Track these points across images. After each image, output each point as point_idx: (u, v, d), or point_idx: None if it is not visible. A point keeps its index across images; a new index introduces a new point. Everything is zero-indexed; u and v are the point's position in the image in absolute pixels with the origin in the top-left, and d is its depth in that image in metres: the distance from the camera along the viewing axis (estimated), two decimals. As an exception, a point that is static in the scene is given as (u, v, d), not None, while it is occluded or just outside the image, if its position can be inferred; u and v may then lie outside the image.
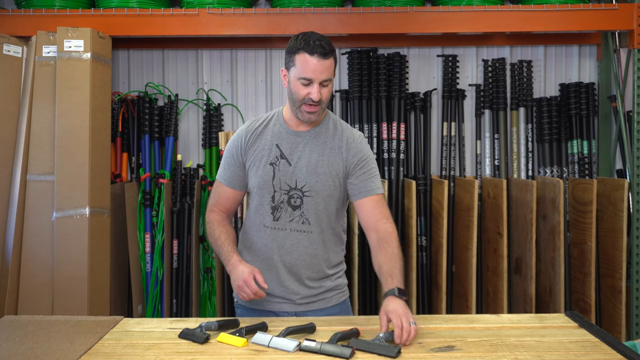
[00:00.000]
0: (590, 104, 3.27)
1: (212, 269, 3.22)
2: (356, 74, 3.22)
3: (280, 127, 1.86)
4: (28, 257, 2.74)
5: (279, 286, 1.85)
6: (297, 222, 1.83)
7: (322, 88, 1.74)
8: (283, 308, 1.87)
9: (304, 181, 1.81)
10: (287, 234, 1.83)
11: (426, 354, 1.45)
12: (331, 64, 1.74)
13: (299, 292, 1.86)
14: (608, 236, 2.98)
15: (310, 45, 1.71)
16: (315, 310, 1.87)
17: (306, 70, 1.71)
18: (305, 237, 1.83)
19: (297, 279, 1.85)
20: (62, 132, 2.74)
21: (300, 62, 1.72)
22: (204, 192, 3.23)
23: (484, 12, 3.00)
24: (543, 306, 2.95)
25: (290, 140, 1.84)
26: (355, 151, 1.84)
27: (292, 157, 1.82)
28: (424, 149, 3.27)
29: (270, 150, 1.83)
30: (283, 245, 1.84)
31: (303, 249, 1.84)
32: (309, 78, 1.72)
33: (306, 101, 1.74)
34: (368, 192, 1.82)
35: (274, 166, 1.82)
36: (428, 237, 3.19)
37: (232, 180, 1.90)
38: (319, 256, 1.86)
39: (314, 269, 1.86)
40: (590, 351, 1.45)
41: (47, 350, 1.47)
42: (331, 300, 1.90)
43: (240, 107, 3.39)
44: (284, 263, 1.85)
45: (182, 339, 1.55)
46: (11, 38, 2.85)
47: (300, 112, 1.77)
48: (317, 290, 1.87)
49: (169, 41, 3.31)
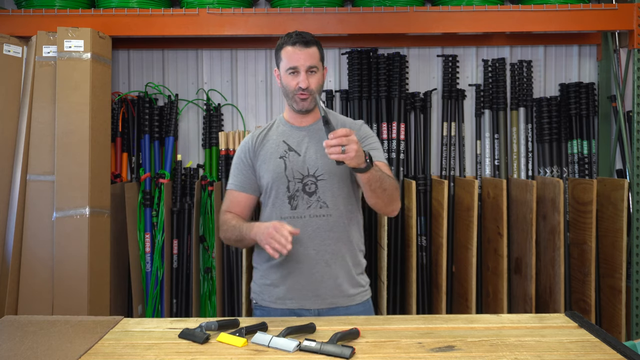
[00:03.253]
0: (590, 104, 3.27)
1: (212, 269, 3.22)
2: (356, 74, 3.22)
3: (284, 127, 1.95)
4: (28, 257, 2.75)
5: (302, 278, 1.86)
6: (314, 207, 1.86)
7: (310, 76, 1.84)
8: (305, 305, 1.87)
9: (316, 166, 1.87)
10: (306, 221, 1.86)
11: (426, 354, 1.45)
12: (314, 53, 1.86)
13: (322, 282, 1.86)
14: (608, 236, 2.98)
15: (292, 37, 1.86)
16: (339, 307, 1.87)
17: (291, 59, 1.84)
18: (324, 222, 1.86)
19: (320, 268, 1.86)
20: (62, 132, 2.74)
21: (285, 55, 1.86)
22: (204, 192, 3.23)
23: (484, 12, 3.00)
24: (543, 306, 2.95)
25: (295, 135, 1.91)
26: (359, 132, 1.92)
27: (300, 149, 1.90)
28: (424, 149, 3.27)
29: (278, 146, 1.91)
30: (304, 234, 1.85)
31: (325, 233, 1.86)
32: (294, 66, 1.84)
33: (297, 91, 1.84)
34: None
35: (284, 159, 1.89)
36: (428, 237, 3.20)
37: (243, 184, 1.95)
38: (341, 240, 1.87)
39: (337, 255, 1.87)
40: (590, 351, 1.45)
41: (47, 350, 1.47)
42: (355, 298, 1.91)
43: (240, 107, 3.39)
44: (307, 252, 1.86)
45: (182, 339, 1.55)
46: (11, 38, 2.85)
47: (295, 101, 1.87)
48: (343, 280, 1.88)
49: (169, 41, 3.31)
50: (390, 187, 1.78)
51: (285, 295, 1.89)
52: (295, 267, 1.87)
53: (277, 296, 1.90)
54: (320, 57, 1.89)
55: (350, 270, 1.91)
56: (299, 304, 1.88)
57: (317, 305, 1.87)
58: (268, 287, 1.93)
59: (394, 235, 3.15)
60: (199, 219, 3.20)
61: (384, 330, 1.63)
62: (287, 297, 1.89)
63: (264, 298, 1.94)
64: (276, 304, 1.90)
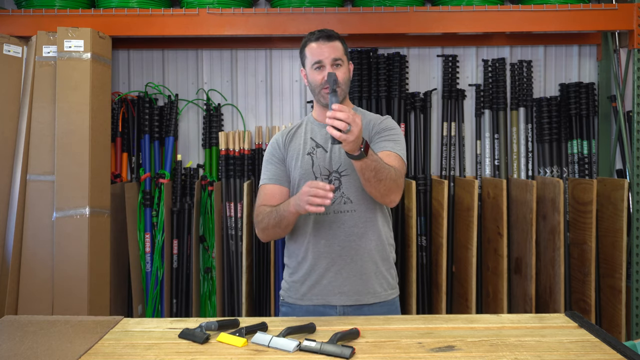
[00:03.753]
0: (590, 104, 3.27)
1: (212, 269, 3.22)
2: (356, 74, 3.22)
3: (312, 125, 1.98)
4: (28, 257, 2.75)
5: (329, 274, 1.86)
6: (338, 203, 1.86)
7: (336, 69, 1.85)
8: (331, 302, 1.86)
9: (339, 162, 1.87)
10: (331, 217, 1.86)
11: (426, 354, 1.44)
12: (338, 46, 1.87)
13: (348, 279, 1.85)
14: (608, 236, 2.98)
15: (314, 34, 1.88)
16: (363, 305, 1.86)
17: (314, 54, 1.86)
18: (349, 217, 1.86)
19: (346, 265, 1.86)
20: (62, 132, 2.74)
21: (309, 51, 1.88)
22: (204, 192, 3.23)
23: (484, 12, 3.00)
24: (543, 306, 2.95)
25: (323, 132, 1.92)
26: (381, 124, 1.93)
27: (326, 145, 1.91)
28: (423, 149, 3.27)
29: (306, 143, 1.93)
30: (329, 230, 1.85)
31: (349, 229, 1.86)
32: (318, 60, 1.85)
33: (323, 85, 1.86)
34: (381, 149, 1.84)
35: (311, 155, 1.91)
36: (428, 237, 3.20)
37: (277, 176, 1.95)
38: (366, 236, 1.87)
39: (362, 251, 1.86)
40: (590, 351, 1.45)
41: (47, 350, 1.47)
42: (381, 296, 1.90)
43: (240, 107, 3.39)
44: (332, 249, 1.86)
45: (182, 339, 1.55)
46: (11, 38, 2.85)
47: (322, 96, 1.88)
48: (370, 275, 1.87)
49: (169, 41, 3.31)
50: (388, 178, 1.74)
51: (310, 291, 1.89)
52: (321, 264, 1.87)
53: (303, 292, 1.90)
54: (345, 52, 1.90)
55: (378, 265, 1.89)
56: (324, 299, 1.87)
57: (342, 302, 1.86)
58: (295, 283, 1.93)
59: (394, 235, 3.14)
60: (199, 219, 3.20)
61: (384, 330, 1.63)
62: (312, 293, 1.88)
63: (291, 295, 1.94)
64: (302, 300, 1.90)
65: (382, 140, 1.88)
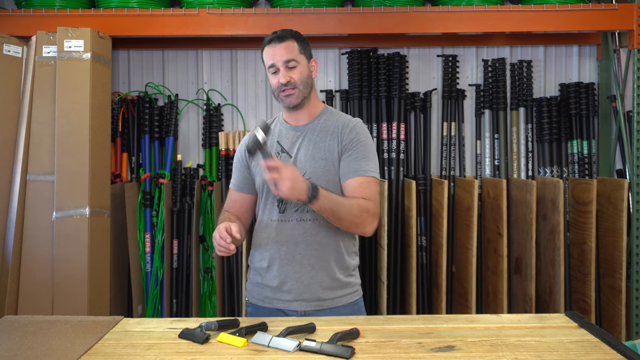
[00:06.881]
0: (590, 104, 3.27)
1: (212, 269, 3.22)
2: (356, 74, 3.22)
3: (281, 126, 1.95)
4: (28, 257, 2.75)
5: (289, 280, 1.86)
6: (301, 211, 1.84)
7: (290, 70, 1.83)
8: (292, 307, 1.87)
9: (304, 169, 1.84)
10: (293, 225, 1.85)
11: (426, 354, 1.44)
12: (290, 46, 1.84)
13: (309, 286, 1.85)
14: (608, 236, 2.98)
15: (268, 37, 1.87)
16: (326, 310, 1.86)
17: (268, 58, 1.86)
18: (310, 226, 1.84)
19: (307, 272, 1.85)
20: (62, 132, 2.74)
21: (265, 55, 1.88)
22: (204, 192, 3.23)
23: (484, 12, 3.00)
24: (543, 306, 2.95)
25: (290, 135, 1.90)
26: (350, 133, 1.87)
27: (292, 150, 1.88)
28: (424, 149, 3.28)
29: (272, 148, 1.90)
30: (291, 237, 1.85)
31: (311, 237, 1.84)
32: (271, 64, 1.84)
33: (280, 88, 1.84)
34: (354, 172, 1.82)
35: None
36: (428, 237, 3.20)
37: (239, 183, 1.97)
38: (329, 245, 1.86)
39: (323, 260, 1.85)
40: (590, 351, 1.45)
41: (47, 350, 1.47)
42: (342, 300, 1.89)
43: (240, 107, 3.39)
44: (293, 255, 1.85)
45: (182, 339, 1.55)
46: (11, 38, 2.85)
47: (282, 100, 1.87)
48: (329, 285, 1.87)
49: (169, 41, 3.31)
50: (349, 215, 1.74)
51: (272, 295, 1.90)
52: (282, 270, 1.87)
53: (265, 295, 1.92)
54: (301, 50, 1.86)
55: (336, 274, 1.88)
56: (285, 305, 1.88)
57: (303, 307, 1.87)
58: (257, 286, 1.94)
59: (394, 236, 3.15)
60: (199, 219, 3.20)
61: (384, 330, 1.63)
62: (274, 297, 1.89)
63: (254, 296, 1.96)
64: (264, 302, 1.92)
65: (352, 160, 1.83)
